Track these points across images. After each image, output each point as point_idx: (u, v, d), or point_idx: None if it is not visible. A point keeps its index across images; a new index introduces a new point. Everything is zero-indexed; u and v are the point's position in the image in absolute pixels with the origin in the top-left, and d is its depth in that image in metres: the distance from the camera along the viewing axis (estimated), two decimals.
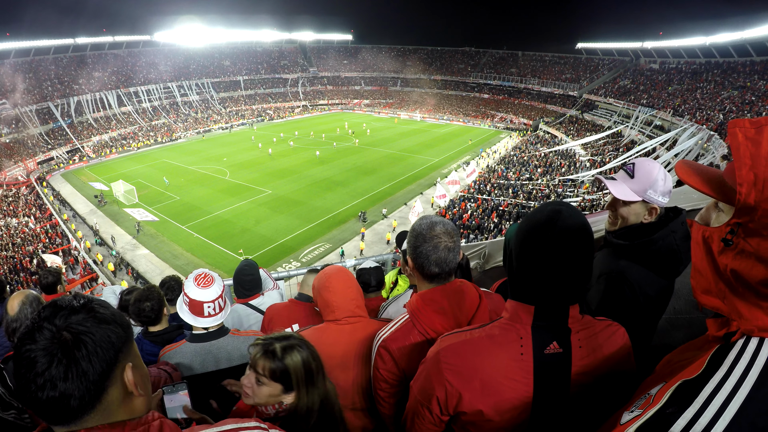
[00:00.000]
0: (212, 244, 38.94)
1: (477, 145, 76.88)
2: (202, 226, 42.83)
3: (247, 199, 49.41)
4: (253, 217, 44.81)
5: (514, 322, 1.87)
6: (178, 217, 44.98)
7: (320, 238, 39.95)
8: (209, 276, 3.24)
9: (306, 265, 35.00)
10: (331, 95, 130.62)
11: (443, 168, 61.44)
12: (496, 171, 56.66)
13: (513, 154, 66.05)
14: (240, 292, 4.78)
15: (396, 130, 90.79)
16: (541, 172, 54.44)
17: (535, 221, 1.80)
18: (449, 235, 2.34)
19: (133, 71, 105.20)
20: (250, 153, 71.40)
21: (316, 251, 37.41)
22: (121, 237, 41.87)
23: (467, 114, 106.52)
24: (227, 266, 34.37)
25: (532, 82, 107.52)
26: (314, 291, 3.10)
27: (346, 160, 66.09)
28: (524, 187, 48.02)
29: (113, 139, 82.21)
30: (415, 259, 2.39)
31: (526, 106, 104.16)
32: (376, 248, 38.30)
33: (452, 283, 2.43)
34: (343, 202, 48.31)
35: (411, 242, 2.39)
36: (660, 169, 2.54)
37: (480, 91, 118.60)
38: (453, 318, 2.38)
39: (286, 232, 41.05)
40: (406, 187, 53.47)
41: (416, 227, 2.39)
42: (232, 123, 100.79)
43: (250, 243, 38.84)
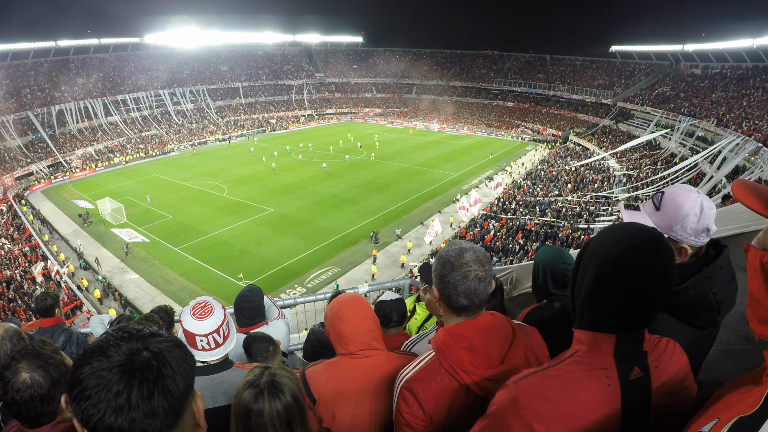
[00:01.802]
0: (208, 268, 39.10)
1: (500, 158, 76.89)
2: (197, 247, 43.04)
3: (247, 218, 49.61)
4: (253, 237, 44.99)
5: (595, 354, 1.91)
6: (171, 238, 45.20)
7: (328, 261, 40.01)
8: (208, 306, 3.23)
9: (312, 291, 35.11)
10: (340, 103, 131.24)
11: (463, 184, 61.58)
12: (522, 187, 56.66)
13: (540, 169, 66.06)
14: (241, 320, 4.79)
15: (411, 142, 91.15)
16: (571, 188, 54.43)
17: (631, 246, 1.80)
18: (480, 263, 2.31)
19: (120, 77, 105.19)
20: (250, 167, 71.85)
21: (323, 276, 37.50)
22: (108, 260, 41.96)
23: (489, 124, 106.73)
24: (225, 292, 34.44)
25: (561, 88, 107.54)
26: (326, 321, 3.06)
27: (356, 175, 66.34)
28: (553, 204, 48.01)
29: (99, 152, 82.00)
30: (442, 290, 2.34)
31: (555, 115, 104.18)
32: (390, 272, 38.30)
33: (483, 316, 2.41)
34: (352, 222, 48.40)
35: (438, 270, 2.35)
36: (695, 203, 2.43)
37: (504, 98, 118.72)
38: (484, 356, 2.35)
39: (290, 254, 41.13)
40: (423, 205, 53.52)
41: (443, 254, 2.36)
42: (231, 134, 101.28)
43: (251, 266, 38.94)
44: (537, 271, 3.56)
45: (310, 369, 3.07)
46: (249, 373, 2.35)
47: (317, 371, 3.02)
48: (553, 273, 3.46)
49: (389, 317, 4.44)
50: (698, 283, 2.33)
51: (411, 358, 2.66)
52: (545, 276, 3.49)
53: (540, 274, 3.53)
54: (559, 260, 3.50)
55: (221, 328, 3.21)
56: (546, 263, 3.51)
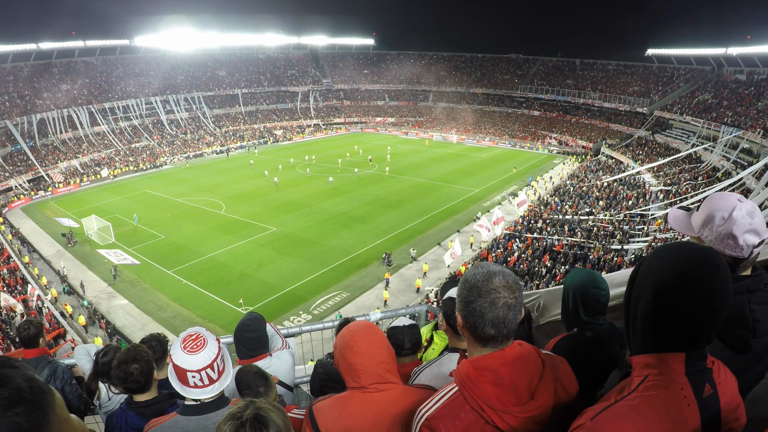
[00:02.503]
0: (205, 293, 39.18)
1: (525, 172, 77.05)
2: (192, 270, 43.17)
3: (247, 238, 49.82)
4: (254, 259, 45.13)
5: (669, 374, 1.96)
6: (164, 260, 45.37)
7: (336, 285, 40.06)
8: (201, 339, 3.17)
9: (318, 318, 35.08)
10: (349, 112, 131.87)
11: (484, 200, 61.66)
12: (549, 204, 56.60)
13: (569, 184, 66.02)
14: (242, 352, 4.74)
15: (427, 155, 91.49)
16: (603, 205, 54.25)
17: (690, 264, 1.88)
18: (510, 289, 2.27)
19: (108, 83, 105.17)
20: (250, 182, 72.29)
21: (331, 301, 37.52)
22: (95, 284, 42.00)
23: (513, 135, 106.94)
24: (223, 319, 34.61)
25: (593, 96, 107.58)
26: (336, 352, 3.02)
27: (367, 190, 66.58)
28: (583, 223, 47.83)
29: (84, 165, 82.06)
30: (467, 317, 2.31)
31: (585, 125, 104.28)
32: (404, 298, 38.24)
33: (511, 347, 2.37)
34: (363, 242, 48.53)
35: (462, 296, 2.32)
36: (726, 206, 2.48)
37: (529, 107, 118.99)
38: (512, 390, 2.31)
39: (295, 277, 41.21)
40: (440, 224, 53.62)
41: (470, 278, 2.33)
42: (229, 146, 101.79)
43: (251, 291, 39.02)
44: (567, 296, 3.55)
45: (318, 404, 3.04)
46: (234, 405, 2.32)
47: (326, 407, 2.99)
48: (584, 299, 3.44)
49: (402, 345, 4.40)
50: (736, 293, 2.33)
51: (430, 393, 2.62)
52: (576, 302, 3.48)
53: (570, 300, 3.52)
54: (592, 285, 3.47)
55: (215, 363, 3.17)
56: (577, 288, 3.49)
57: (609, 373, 2.51)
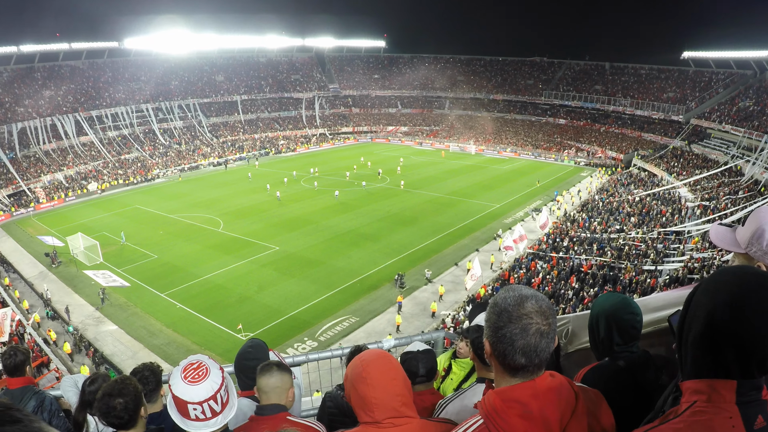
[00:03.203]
0: (201, 318, 39.14)
1: (550, 186, 76.98)
2: (187, 293, 43.17)
3: (246, 258, 49.90)
4: (255, 281, 45.16)
5: (717, 402, 1.97)
6: (156, 282, 45.36)
7: (343, 309, 39.97)
8: (203, 367, 3.13)
9: (324, 346, 35.02)
10: (358, 120, 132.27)
11: (506, 216, 61.68)
12: (576, 221, 56.59)
13: (598, 199, 65.92)
14: (243, 382, 4.71)
15: (443, 167, 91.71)
16: (635, 221, 54.12)
17: (745, 288, 1.91)
18: (543, 314, 2.24)
19: (95, 89, 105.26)
20: (250, 197, 72.56)
21: (338, 327, 37.43)
22: (81, 308, 41.90)
23: (537, 145, 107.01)
24: (221, 347, 34.54)
25: (623, 103, 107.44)
26: (346, 383, 2.97)
27: (378, 206, 66.70)
28: (613, 241, 47.69)
29: (70, 179, 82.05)
30: (496, 344, 2.28)
31: (616, 134, 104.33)
32: (418, 323, 38.13)
33: (542, 377, 2.32)
34: (373, 262, 48.53)
35: (491, 321, 2.30)
36: None
37: (554, 114, 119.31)
38: (543, 425, 2.26)
39: (299, 301, 41.17)
40: (457, 242, 53.58)
41: (500, 301, 2.30)
42: (227, 157, 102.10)
43: (252, 316, 38.98)
44: (596, 323, 3.51)
45: None
46: None
47: None
48: (618, 326, 3.40)
49: (415, 372, 4.37)
50: None
51: (450, 427, 2.63)
52: (609, 329, 3.43)
53: (601, 327, 3.48)
54: (626, 310, 3.43)
55: (219, 394, 3.13)
56: (609, 314, 3.45)
57: (644, 404, 2.54)
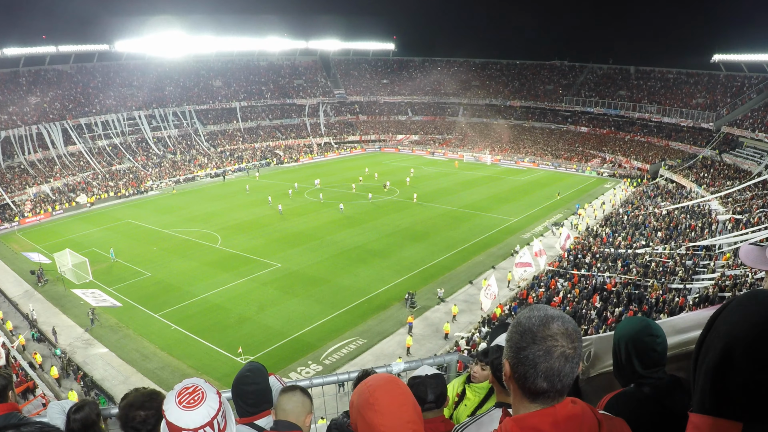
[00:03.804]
0: (198, 340, 39.25)
1: (571, 198, 77.10)
2: (182, 313, 43.33)
3: (246, 276, 50.08)
4: (255, 300, 45.32)
5: None
6: (150, 302, 45.49)
7: (350, 330, 40.06)
8: (199, 391, 3.06)
9: (329, 370, 35.13)
10: (365, 128, 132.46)
11: (523, 231, 61.78)
12: (599, 236, 56.59)
13: (623, 212, 65.93)
14: (242, 408, 4.66)
15: (456, 178, 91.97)
16: (662, 236, 54.07)
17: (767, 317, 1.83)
18: (569, 337, 2.22)
19: (84, 95, 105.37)
20: (250, 210, 72.83)
21: (345, 349, 37.52)
22: (69, 329, 41.97)
23: (557, 155, 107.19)
24: (219, 370, 34.65)
25: (650, 109, 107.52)
26: (352, 410, 2.94)
27: (387, 220, 66.89)
28: (638, 258, 47.72)
29: (57, 191, 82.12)
30: (516, 366, 2.26)
31: (641, 143, 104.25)
32: (430, 345, 38.18)
33: (563, 404, 2.28)
34: (382, 280, 48.65)
35: (513, 341, 2.28)
36: None
37: (575, 122, 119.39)
38: None
39: (303, 322, 41.29)
40: (472, 258, 53.70)
41: (523, 321, 2.29)
42: (225, 168, 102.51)
43: (252, 338, 39.13)
44: (619, 348, 3.48)
45: None
46: None
47: None
48: (638, 349, 3.37)
49: (423, 397, 4.29)
50: None
51: None
52: (629, 353, 3.41)
53: (623, 351, 3.46)
54: (645, 332, 3.40)
55: (216, 420, 3.05)
56: (629, 337, 3.43)
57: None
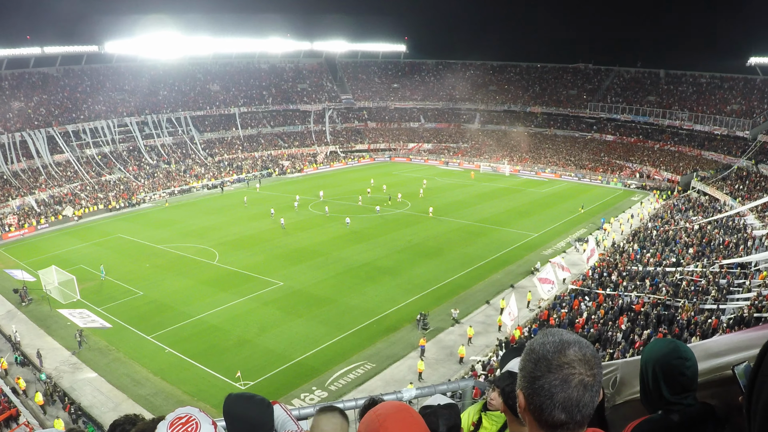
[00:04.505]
0: (193, 364, 39.38)
1: (596, 212, 77.19)
2: (177, 335, 43.53)
3: (246, 295, 50.26)
4: (255, 321, 45.53)
5: None
6: (142, 323, 45.65)
7: (357, 354, 40.16)
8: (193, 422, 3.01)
9: (335, 396, 35.28)
10: (375, 136, 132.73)
11: (545, 247, 61.98)
12: (627, 252, 56.62)
13: (651, 227, 65.81)
14: None
15: (472, 190, 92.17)
16: (693, 253, 54.03)
17: None
18: (587, 364, 2.20)
19: (72, 100, 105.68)
20: (250, 224, 73.20)
21: (352, 374, 37.59)
22: (55, 352, 42.03)
23: (581, 165, 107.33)
24: (216, 397, 34.61)
25: (681, 116, 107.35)
26: None
27: (397, 235, 67.07)
28: (668, 276, 47.66)
29: (43, 203, 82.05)
30: (531, 397, 2.24)
31: (671, 152, 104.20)
32: (444, 370, 38.22)
33: None
34: (392, 299, 48.76)
35: (527, 370, 2.28)
36: None
37: (601, 130, 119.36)
38: None
39: (306, 344, 41.40)
40: (489, 277, 53.82)
41: (537, 347, 2.28)
42: (224, 179, 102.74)
43: (252, 361, 39.23)
44: (646, 372, 3.45)
45: None
46: None
47: None
48: (666, 373, 3.33)
49: (435, 429, 4.27)
50: None
51: None
52: (656, 377, 3.38)
53: (650, 375, 3.43)
54: (674, 355, 3.35)
55: None
56: (656, 360, 3.39)
57: None
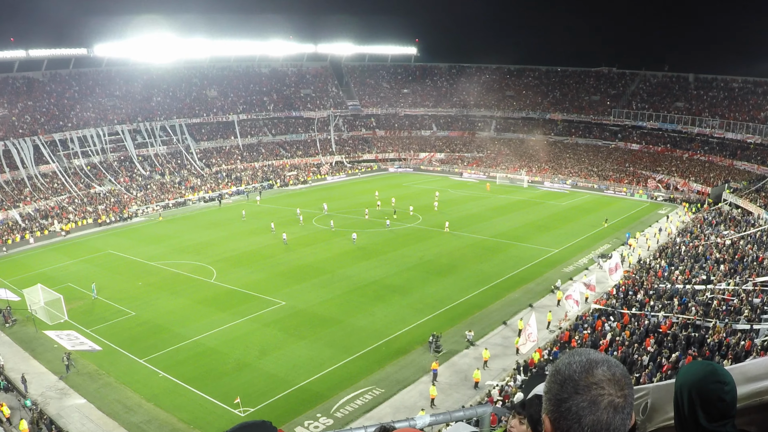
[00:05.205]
0: (189, 389, 39.45)
1: (620, 226, 77.24)
2: (172, 359, 43.67)
3: (246, 315, 50.44)
4: (256, 343, 45.67)
5: None
6: (134, 345, 45.77)
7: (365, 378, 40.21)
8: None
9: (342, 424, 35.45)
10: (383, 145, 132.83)
11: (565, 264, 62.11)
12: (653, 269, 56.64)
13: (680, 242, 65.81)
14: None
15: (488, 202, 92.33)
16: (725, 270, 54.01)
17: None
18: (617, 384, 2.21)
19: (59, 106, 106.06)
20: (250, 239, 73.51)
21: (359, 400, 37.61)
22: (41, 377, 42.08)
23: (604, 176, 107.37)
24: (214, 425, 34.93)
25: (712, 123, 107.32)
26: None
27: (408, 251, 67.22)
28: (698, 295, 47.62)
29: (28, 217, 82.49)
30: (558, 421, 2.24)
31: (701, 162, 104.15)
32: (457, 395, 38.24)
33: None
34: (402, 320, 48.83)
35: (553, 392, 2.27)
36: None
37: (626, 138, 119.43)
38: None
39: (311, 368, 41.52)
40: (506, 296, 53.83)
41: (563, 368, 2.28)
42: (222, 191, 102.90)
43: (252, 386, 39.31)
44: (681, 397, 3.29)
45: None
46: None
47: None
48: (703, 399, 3.16)
49: None
50: None
51: None
52: (692, 403, 3.27)
53: (685, 401, 3.25)
54: (711, 379, 3.18)
55: None
56: (693, 385, 3.22)
57: None
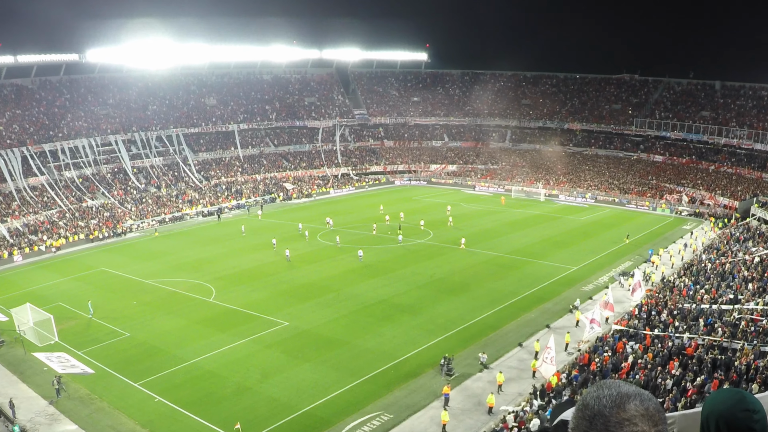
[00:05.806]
0: (186, 414, 39.57)
1: (643, 242, 77.25)
2: (168, 382, 43.78)
3: (246, 337, 50.64)
4: (257, 366, 45.84)
5: None
6: (128, 368, 45.88)
7: (373, 403, 40.26)
8: None
9: None
10: (392, 157, 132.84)
11: (584, 283, 62.11)
12: (678, 288, 56.60)
13: (706, 259, 65.85)
14: None
15: (503, 217, 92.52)
16: (754, 289, 53.94)
17: None
18: (651, 419, 2.24)
19: (49, 115, 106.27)
20: (251, 256, 73.78)
21: (366, 426, 37.74)
22: (29, 402, 42.06)
23: (626, 189, 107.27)
24: None
25: (739, 134, 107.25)
26: None
27: (417, 268, 67.36)
28: (725, 315, 47.65)
29: (16, 233, 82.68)
30: None
31: (728, 175, 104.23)
32: (470, 421, 38.32)
33: None
34: (411, 342, 48.96)
35: (581, 428, 2.30)
36: None
37: (648, 149, 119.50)
38: None
39: (316, 392, 41.57)
40: (522, 316, 53.90)
41: (592, 403, 2.31)
42: (221, 205, 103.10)
43: (253, 412, 39.44)
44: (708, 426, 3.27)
45: None
46: None
47: None
48: (731, 428, 3.14)
49: None
50: None
51: None
52: None
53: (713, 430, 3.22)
54: (740, 407, 3.15)
55: None
56: (720, 413, 3.19)
57: None
